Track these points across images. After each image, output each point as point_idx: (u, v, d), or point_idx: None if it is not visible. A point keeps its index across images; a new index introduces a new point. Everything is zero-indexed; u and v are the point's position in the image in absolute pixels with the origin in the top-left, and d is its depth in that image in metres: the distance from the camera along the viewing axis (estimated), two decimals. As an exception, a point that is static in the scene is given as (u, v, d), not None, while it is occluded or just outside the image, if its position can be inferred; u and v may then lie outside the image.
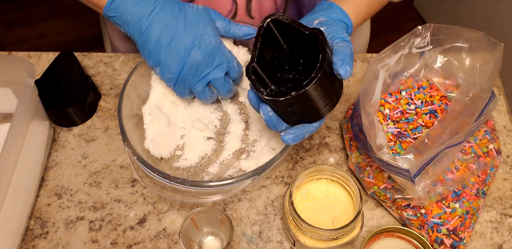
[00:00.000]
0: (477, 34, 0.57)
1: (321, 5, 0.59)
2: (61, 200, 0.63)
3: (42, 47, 1.82)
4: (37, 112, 0.62)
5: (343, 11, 0.58)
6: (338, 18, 0.57)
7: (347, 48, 0.49)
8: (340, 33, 0.52)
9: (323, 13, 0.57)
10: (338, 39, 0.51)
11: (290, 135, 0.51)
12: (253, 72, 0.50)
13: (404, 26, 1.84)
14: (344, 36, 0.51)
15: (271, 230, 0.61)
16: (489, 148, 0.59)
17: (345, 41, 0.50)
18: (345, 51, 0.48)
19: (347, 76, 0.47)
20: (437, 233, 0.55)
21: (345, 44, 0.49)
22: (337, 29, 0.52)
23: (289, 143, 0.51)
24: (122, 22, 0.57)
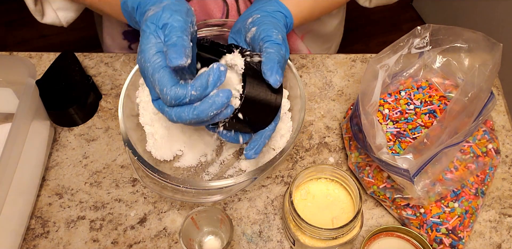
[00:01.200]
0: (476, 34, 0.58)
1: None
2: (62, 199, 0.64)
3: (43, 47, 1.83)
4: (38, 112, 0.62)
5: (279, 2, 0.57)
6: (274, 10, 0.56)
7: (276, 54, 0.49)
8: (270, 33, 0.51)
9: (259, 6, 0.56)
10: (268, 43, 0.50)
11: (251, 150, 0.52)
12: None
13: (404, 27, 1.84)
14: (274, 37, 0.51)
15: (271, 229, 0.61)
16: (488, 147, 0.59)
17: (275, 44, 0.50)
18: (273, 58, 0.49)
19: (277, 85, 0.48)
20: (436, 233, 0.55)
21: (274, 49, 0.49)
22: (267, 28, 0.52)
23: (254, 157, 0.52)
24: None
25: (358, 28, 1.81)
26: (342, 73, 0.75)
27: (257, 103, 0.49)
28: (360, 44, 1.80)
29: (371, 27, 1.84)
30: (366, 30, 1.81)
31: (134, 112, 0.62)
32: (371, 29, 1.83)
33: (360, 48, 1.78)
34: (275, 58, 0.49)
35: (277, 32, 0.52)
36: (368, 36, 1.82)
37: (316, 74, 0.75)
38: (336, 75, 0.75)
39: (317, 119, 0.70)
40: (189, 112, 0.44)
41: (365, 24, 1.83)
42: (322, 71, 0.75)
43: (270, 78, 0.48)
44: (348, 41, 1.00)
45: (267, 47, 0.50)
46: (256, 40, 0.52)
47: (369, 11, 0.75)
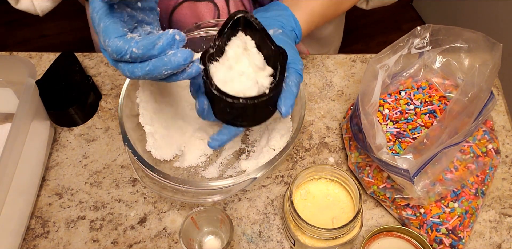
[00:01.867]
0: (476, 34, 0.58)
1: (277, 6, 0.58)
2: (62, 199, 0.64)
3: (43, 47, 1.83)
4: (38, 112, 0.62)
5: (296, 21, 0.57)
6: (290, 28, 0.56)
7: (296, 86, 0.50)
8: (296, 60, 0.51)
9: (277, 19, 0.56)
10: (292, 70, 0.50)
11: (217, 142, 0.52)
12: (208, 59, 0.48)
13: (403, 27, 1.84)
14: (299, 67, 0.51)
15: (271, 229, 0.61)
16: (488, 147, 0.59)
17: (299, 75, 0.51)
18: (292, 90, 0.49)
19: (286, 116, 0.49)
20: (436, 233, 0.55)
21: (296, 80, 0.50)
22: (292, 53, 0.52)
23: (216, 148, 0.52)
24: None
25: (358, 28, 1.81)
26: (342, 73, 0.75)
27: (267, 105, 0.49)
28: (360, 44, 1.80)
29: (371, 27, 1.84)
30: (366, 30, 1.81)
31: (134, 112, 0.62)
32: (371, 29, 1.83)
33: (360, 48, 1.78)
34: (294, 90, 0.49)
35: (301, 61, 0.52)
36: (368, 36, 1.82)
37: (316, 74, 0.75)
38: (336, 75, 0.75)
39: (317, 120, 0.70)
40: (142, 68, 0.42)
41: (365, 24, 1.83)
42: (322, 71, 0.75)
43: (283, 107, 0.48)
44: (348, 41, 1.01)
45: (291, 74, 0.50)
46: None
47: (369, 11, 0.75)
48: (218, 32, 0.48)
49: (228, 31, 0.49)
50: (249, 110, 0.48)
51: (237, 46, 0.49)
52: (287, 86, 0.49)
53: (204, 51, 0.48)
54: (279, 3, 0.59)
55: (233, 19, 0.48)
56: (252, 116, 0.50)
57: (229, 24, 0.49)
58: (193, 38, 0.63)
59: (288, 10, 0.57)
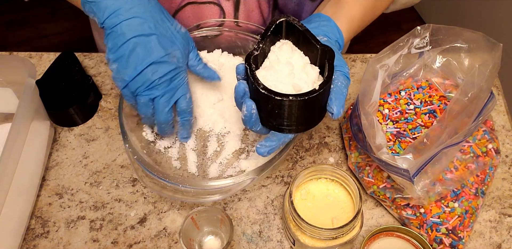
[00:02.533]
0: (476, 34, 0.58)
1: (319, 17, 0.58)
2: (62, 199, 0.64)
3: (43, 47, 1.83)
4: (38, 112, 0.62)
5: (340, 31, 0.57)
6: (335, 39, 0.56)
7: (345, 88, 0.49)
8: (343, 64, 0.52)
9: (322, 30, 0.56)
10: (340, 73, 0.50)
11: (266, 148, 0.51)
12: (253, 61, 0.48)
13: (403, 27, 1.84)
14: (346, 71, 0.51)
15: (271, 229, 0.61)
16: (488, 147, 0.59)
17: (346, 78, 0.51)
18: (342, 91, 0.49)
19: (337, 117, 0.48)
20: (436, 233, 0.55)
21: (345, 83, 0.50)
22: (339, 59, 0.52)
23: (264, 155, 0.51)
24: (99, 8, 0.52)
25: (358, 28, 1.80)
26: (342, 73, 0.75)
27: (316, 105, 0.47)
28: (360, 44, 1.80)
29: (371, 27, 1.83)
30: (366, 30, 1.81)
31: (134, 112, 0.62)
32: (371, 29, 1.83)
33: (360, 48, 1.78)
34: (344, 91, 0.49)
35: (346, 65, 0.52)
36: (368, 36, 1.82)
37: (316, 74, 0.75)
38: (336, 75, 0.75)
39: (317, 119, 0.70)
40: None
41: (365, 24, 1.83)
42: (322, 71, 0.75)
43: (335, 107, 0.47)
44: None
45: (339, 76, 0.50)
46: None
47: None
48: (261, 36, 0.49)
49: (270, 35, 0.49)
50: (299, 110, 0.46)
51: (279, 49, 0.49)
52: (337, 86, 0.49)
53: (248, 53, 0.48)
54: (321, 15, 0.59)
55: (276, 23, 0.49)
56: (301, 118, 0.48)
57: (271, 29, 0.49)
58: (194, 38, 0.63)
59: (332, 21, 0.57)
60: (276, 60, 0.49)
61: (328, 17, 0.58)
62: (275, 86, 0.47)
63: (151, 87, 0.53)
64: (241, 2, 0.66)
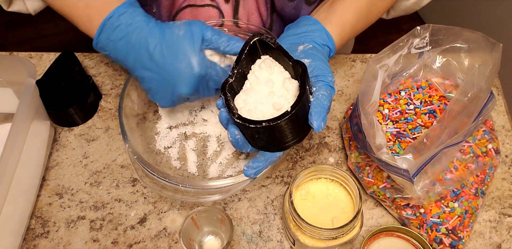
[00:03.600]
0: (476, 34, 0.58)
1: (307, 21, 0.58)
2: (62, 199, 0.64)
3: (43, 47, 1.83)
4: (38, 112, 0.62)
5: (329, 34, 0.57)
6: (323, 43, 0.56)
7: (327, 99, 0.48)
8: (326, 73, 0.51)
9: (308, 34, 0.56)
10: (322, 83, 0.49)
11: (253, 170, 0.51)
12: (229, 89, 0.48)
13: (403, 27, 1.84)
14: (329, 79, 0.50)
15: (271, 229, 0.61)
16: (488, 147, 0.59)
17: (329, 87, 0.50)
18: (323, 103, 0.48)
19: (318, 131, 0.47)
20: (436, 233, 0.56)
21: (326, 93, 0.49)
22: (323, 67, 0.51)
23: (252, 177, 0.52)
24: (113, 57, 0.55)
25: (358, 28, 1.81)
26: (342, 73, 0.75)
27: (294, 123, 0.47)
28: (360, 44, 1.80)
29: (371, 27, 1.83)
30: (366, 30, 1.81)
31: (134, 112, 0.62)
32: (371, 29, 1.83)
33: (360, 48, 1.77)
34: (325, 103, 0.48)
35: (331, 74, 0.51)
36: (368, 36, 1.81)
37: (316, 74, 0.75)
38: (336, 75, 0.75)
39: (317, 119, 0.70)
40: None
41: (365, 24, 1.83)
42: (322, 71, 0.75)
43: (314, 122, 0.47)
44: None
45: (320, 87, 0.49)
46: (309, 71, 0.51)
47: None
48: (236, 61, 0.49)
49: (247, 57, 0.49)
50: (277, 132, 0.46)
51: (259, 67, 0.49)
52: (317, 99, 0.48)
53: (224, 81, 0.48)
54: (309, 18, 0.58)
55: (250, 44, 0.49)
56: (284, 137, 0.48)
57: (245, 50, 0.49)
58: None
59: (319, 24, 0.57)
60: (256, 80, 0.49)
61: (315, 20, 0.58)
62: (255, 108, 0.48)
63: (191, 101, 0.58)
64: (240, 5, 0.66)
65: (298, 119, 0.46)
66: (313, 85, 0.50)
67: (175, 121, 0.67)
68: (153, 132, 0.67)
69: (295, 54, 0.54)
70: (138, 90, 0.63)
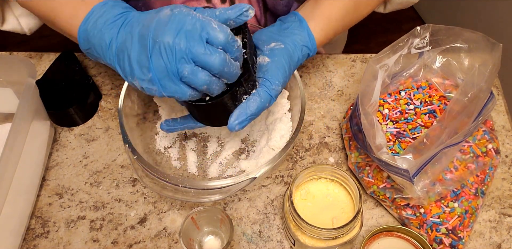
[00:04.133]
0: (476, 34, 0.58)
1: (294, 17, 0.57)
2: (62, 199, 0.64)
3: (43, 47, 1.82)
4: (38, 112, 0.62)
5: (310, 34, 0.56)
6: (302, 43, 0.55)
7: (255, 106, 0.48)
8: (274, 79, 0.50)
9: (288, 33, 0.55)
10: (262, 89, 0.49)
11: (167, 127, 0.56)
12: None
13: (403, 27, 1.84)
14: (271, 87, 0.50)
15: (271, 229, 0.61)
16: (488, 147, 0.59)
17: (266, 94, 0.49)
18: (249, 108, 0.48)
19: (231, 130, 0.48)
20: (436, 233, 0.56)
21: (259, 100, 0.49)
22: (274, 73, 0.50)
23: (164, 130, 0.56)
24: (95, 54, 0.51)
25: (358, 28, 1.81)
26: (342, 73, 0.75)
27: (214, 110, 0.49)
28: (360, 44, 1.80)
29: (371, 27, 1.84)
30: (366, 30, 1.81)
31: (134, 112, 0.62)
32: (371, 29, 1.83)
33: (360, 48, 1.78)
34: (251, 110, 0.48)
35: (280, 82, 0.50)
36: (368, 36, 1.82)
37: (316, 74, 0.75)
38: (336, 75, 0.75)
39: (317, 119, 0.70)
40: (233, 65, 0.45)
41: (365, 24, 1.83)
42: (322, 71, 0.75)
43: (231, 122, 0.48)
44: (348, 41, 1.00)
45: (259, 92, 0.49)
46: (260, 71, 0.51)
47: (368, 11, 0.75)
48: None
49: None
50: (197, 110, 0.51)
51: None
52: (247, 102, 0.48)
53: None
54: (296, 14, 0.58)
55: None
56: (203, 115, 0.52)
57: None
58: None
59: (303, 22, 0.56)
60: None
61: (301, 17, 0.57)
62: None
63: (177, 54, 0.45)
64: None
65: (216, 110, 0.49)
66: (256, 87, 0.50)
67: None
68: (153, 132, 0.67)
69: (264, 48, 0.53)
70: (138, 90, 0.63)
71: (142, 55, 0.45)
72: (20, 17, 0.67)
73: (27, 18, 0.67)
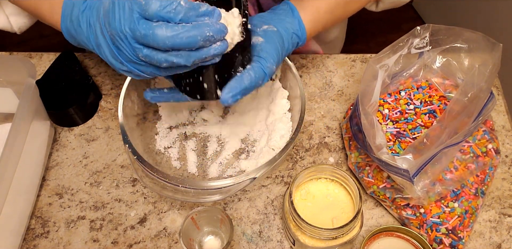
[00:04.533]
0: (476, 34, 0.58)
1: (286, 6, 0.58)
2: (62, 199, 0.64)
3: (43, 47, 1.83)
4: (38, 112, 0.62)
5: (301, 23, 0.56)
6: (292, 31, 0.55)
7: (250, 80, 0.47)
8: (268, 58, 0.50)
9: (280, 19, 0.55)
10: (257, 65, 0.49)
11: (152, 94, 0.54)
12: None
13: (403, 27, 1.84)
14: (266, 65, 0.49)
15: (271, 229, 0.61)
16: (488, 147, 0.59)
17: (261, 70, 0.49)
18: (243, 81, 0.47)
19: (223, 103, 0.47)
20: (436, 233, 0.56)
21: (253, 75, 0.48)
22: (269, 52, 0.50)
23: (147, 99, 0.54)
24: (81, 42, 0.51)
25: (358, 28, 1.81)
26: (342, 73, 0.75)
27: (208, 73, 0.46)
28: (360, 44, 1.80)
29: (371, 27, 1.84)
30: (366, 30, 1.81)
31: (134, 112, 0.62)
32: (371, 29, 1.83)
33: (360, 48, 1.78)
34: (245, 82, 0.47)
35: (274, 61, 0.50)
36: (368, 36, 1.82)
37: (316, 74, 0.75)
38: (336, 75, 0.75)
39: (317, 119, 0.70)
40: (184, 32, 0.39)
41: (365, 24, 1.83)
42: (322, 71, 0.75)
43: (224, 94, 0.46)
44: (348, 41, 1.00)
45: (253, 67, 0.48)
46: (254, 50, 0.51)
47: (369, 11, 0.75)
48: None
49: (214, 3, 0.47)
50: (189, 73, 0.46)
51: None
52: (241, 76, 0.47)
53: None
54: (288, 3, 0.58)
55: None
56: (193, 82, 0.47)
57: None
58: None
59: (295, 11, 0.57)
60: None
61: (293, 6, 0.57)
62: None
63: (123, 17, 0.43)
64: None
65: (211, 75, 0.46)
66: (251, 64, 0.49)
67: (175, 121, 0.67)
68: (153, 132, 0.67)
69: (256, 30, 0.53)
70: (138, 90, 0.63)
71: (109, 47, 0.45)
72: (10, 16, 0.66)
73: (18, 17, 0.67)
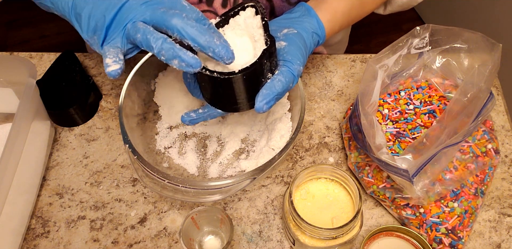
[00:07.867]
0: (475, 35, 0.58)
1: (301, 7, 0.58)
2: (62, 199, 0.64)
3: (44, 47, 1.83)
4: (38, 112, 0.62)
5: (320, 22, 0.57)
6: (312, 30, 0.56)
7: (281, 85, 0.48)
8: (294, 60, 0.50)
9: (299, 20, 0.56)
10: (285, 69, 0.49)
11: (189, 118, 0.55)
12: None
13: (403, 27, 1.84)
14: (294, 67, 0.50)
15: (271, 229, 0.61)
16: (488, 147, 0.59)
17: (290, 74, 0.49)
18: (274, 87, 0.48)
19: (258, 111, 0.48)
20: (436, 232, 0.56)
21: (284, 79, 0.49)
22: (294, 55, 0.51)
23: (186, 123, 0.56)
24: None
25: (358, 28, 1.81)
26: (342, 73, 0.75)
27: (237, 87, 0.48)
28: (360, 44, 1.80)
29: (371, 27, 1.84)
30: (366, 30, 1.81)
31: (135, 112, 0.63)
32: (371, 29, 1.83)
33: (360, 48, 1.78)
34: (277, 89, 0.48)
35: (300, 62, 0.51)
36: (368, 36, 1.82)
37: (316, 74, 0.75)
38: (336, 75, 0.75)
39: (317, 119, 0.70)
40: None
41: (365, 24, 1.83)
42: (322, 71, 0.76)
43: (258, 102, 0.48)
44: (348, 41, 1.00)
45: (282, 72, 0.49)
46: (279, 54, 0.52)
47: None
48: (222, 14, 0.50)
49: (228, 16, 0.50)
50: (220, 88, 0.48)
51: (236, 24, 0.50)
52: (272, 82, 0.48)
53: None
54: (304, 4, 0.59)
55: (243, 6, 0.49)
56: (225, 97, 0.49)
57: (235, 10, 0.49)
58: None
59: (312, 11, 0.57)
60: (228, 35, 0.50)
61: (309, 7, 0.58)
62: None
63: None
64: None
65: (243, 87, 0.48)
66: (278, 68, 0.50)
67: (175, 121, 0.67)
68: (153, 132, 0.67)
69: (277, 35, 0.54)
70: (138, 90, 0.63)
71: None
72: None
73: None
